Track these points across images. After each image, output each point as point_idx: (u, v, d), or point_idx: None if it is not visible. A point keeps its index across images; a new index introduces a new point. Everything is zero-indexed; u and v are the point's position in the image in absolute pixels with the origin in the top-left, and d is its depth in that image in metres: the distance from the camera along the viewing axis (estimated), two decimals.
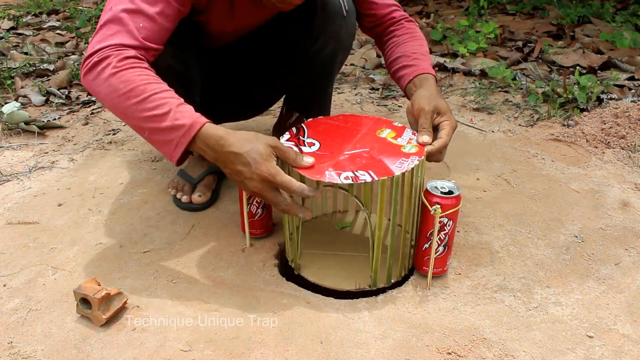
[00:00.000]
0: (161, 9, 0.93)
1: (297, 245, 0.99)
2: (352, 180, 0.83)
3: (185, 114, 0.85)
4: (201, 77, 1.20)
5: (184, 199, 1.22)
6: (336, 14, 1.16)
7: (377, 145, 0.94)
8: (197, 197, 1.21)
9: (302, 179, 0.86)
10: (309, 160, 0.87)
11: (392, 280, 0.98)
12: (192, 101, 1.07)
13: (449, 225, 0.92)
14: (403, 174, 0.86)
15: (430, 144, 0.94)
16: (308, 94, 1.34)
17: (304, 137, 0.96)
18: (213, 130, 0.85)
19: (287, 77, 1.34)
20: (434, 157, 0.95)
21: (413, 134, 0.97)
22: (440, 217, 0.90)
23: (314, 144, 0.94)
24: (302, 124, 1.00)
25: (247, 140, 0.84)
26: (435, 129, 0.97)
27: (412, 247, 1.01)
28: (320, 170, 0.86)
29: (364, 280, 0.97)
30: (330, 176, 0.84)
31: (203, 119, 0.86)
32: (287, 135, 0.96)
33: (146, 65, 0.90)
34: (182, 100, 0.88)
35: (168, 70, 1.01)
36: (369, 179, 0.83)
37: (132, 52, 0.89)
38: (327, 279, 0.98)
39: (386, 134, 0.97)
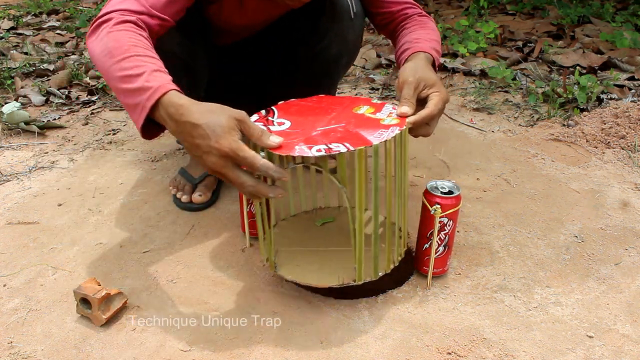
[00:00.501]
0: None
1: (270, 241, 0.92)
2: (325, 152, 0.75)
3: (158, 78, 0.79)
4: (209, 73, 1.19)
5: (184, 198, 1.22)
6: (344, 15, 1.15)
7: (353, 120, 0.86)
8: (197, 197, 1.21)
9: (269, 158, 0.77)
10: (275, 139, 0.77)
11: (380, 273, 0.91)
12: (195, 94, 1.07)
13: (449, 225, 0.92)
14: (384, 142, 0.79)
15: (412, 115, 0.87)
16: (311, 93, 1.34)
17: (273, 117, 0.89)
18: (176, 97, 0.77)
19: (294, 75, 1.34)
20: (420, 129, 0.89)
21: (394, 108, 0.90)
22: (440, 217, 0.90)
23: (283, 123, 0.86)
24: (272, 106, 0.93)
25: (209, 111, 0.76)
26: (425, 102, 0.91)
27: (400, 237, 0.95)
28: (290, 147, 0.77)
29: (348, 275, 0.91)
30: (300, 150, 0.75)
31: (172, 86, 0.79)
32: (255, 117, 0.88)
33: (143, 31, 0.88)
34: (162, 67, 0.83)
35: (172, 55, 1.01)
36: (343, 150, 0.75)
37: (133, 17, 0.88)
38: (308, 276, 0.91)
39: (364, 110, 0.90)
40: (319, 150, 0.75)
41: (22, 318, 0.91)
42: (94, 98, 2.00)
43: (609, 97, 1.85)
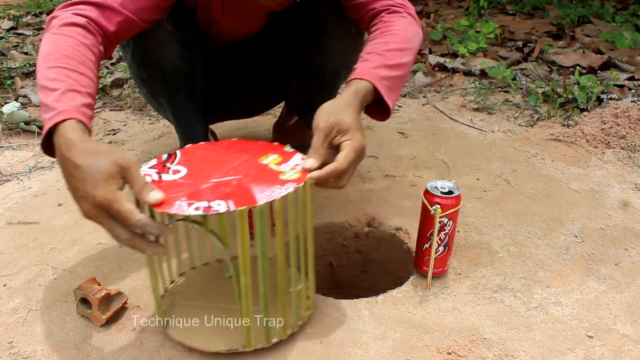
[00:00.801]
0: None
1: (158, 295, 0.84)
2: (203, 211, 0.67)
3: (67, 101, 0.74)
4: (206, 74, 1.19)
5: None
6: (344, 33, 1.13)
7: (253, 172, 0.78)
8: None
9: (151, 212, 0.71)
10: (155, 195, 0.68)
11: (274, 340, 0.81)
12: (194, 101, 1.07)
13: (449, 225, 0.92)
14: (270, 203, 0.70)
15: (316, 169, 0.77)
16: (308, 100, 1.34)
17: (172, 163, 0.81)
18: (69, 129, 0.71)
19: (292, 76, 1.33)
20: (328, 184, 0.79)
21: (302, 159, 0.81)
22: (440, 217, 0.90)
23: (179, 172, 0.78)
24: (177, 150, 0.85)
25: (94, 153, 0.69)
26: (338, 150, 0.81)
27: (308, 297, 0.87)
28: (171, 202, 0.70)
29: (239, 340, 0.81)
30: (179, 207, 0.69)
31: (74, 114, 0.73)
32: (153, 161, 0.81)
33: (89, 37, 0.84)
34: (85, 88, 0.78)
35: (174, 70, 1.01)
36: (223, 209, 0.68)
37: (83, 21, 0.84)
38: (196, 337, 0.82)
39: (270, 159, 0.82)
40: (197, 209, 0.68)
41: (22, 318, 0.91)
42: None
43: (609, 97, 1.85)
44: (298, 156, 0.83)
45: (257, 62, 1.34)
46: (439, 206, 0.89)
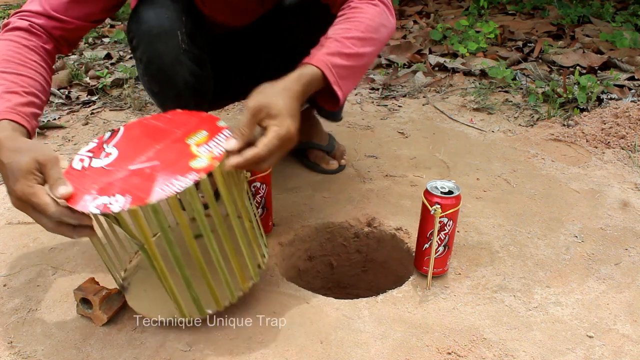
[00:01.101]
0: None
1: (113, 265, 0.89)
2: (102, 211, 0.69)
3: (1, 103, 0.80)
4: (213, 59, 1.18)
5: None
6: (307, 10, 1.12)
7: (171, 156, 0.77)
8: None
9: None
10: (62, 191, 0.72)
11: (208, 311, 0.84)
12: (199, 108, 1.08)
13: (449, 225, 0.92)
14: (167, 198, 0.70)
15: (235, 152, 0.76)
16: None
17: (109, 144, 0.83)
18: (1, 129, 0.77)
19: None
20: (248, 168, 0.79)
21: (227, 138, 0.79)
22: (440, 217, 0.90)
23: (110, 155, 0.80)
24: (122, 125, 0.87)
25: (16, 151, 0.74)
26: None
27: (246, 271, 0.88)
28: (80, 196, 0.72)
29: (189, 307, 0.84)
30: (83, 204, 0.71)
31: (6, 115, 0.78)
32: (93, 143, 0.84)
33: (32, 39, 0.90)
34: (24, 87, 0.84)
35: (186, 86, 1.06)
36: (117, 209, 0.68)
37: (25, 24, 0.89)
38: (145, 304, 0.88)
39: (196, 139, 0.80)
40: (97, 207, 0.69)
41: (22, 318, 0.91)
42: (94, 98, 2.00)
43: (609, 97, 1.85)
44: (222, 136, 0.80)
45: (256, 48, 1.32)
46: (439, 206, 0.89)
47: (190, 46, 1.04)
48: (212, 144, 0.78)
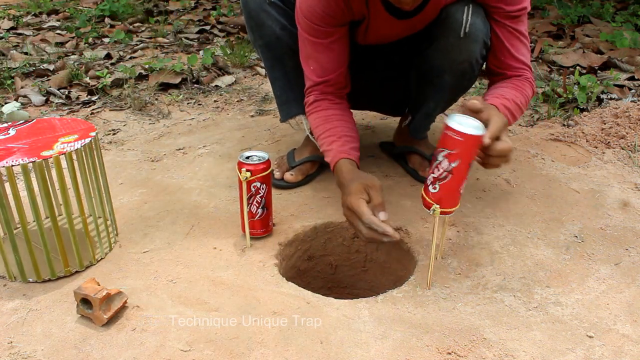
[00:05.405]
0: (327, 44, 1.14)
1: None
2: None
3: (330, 153, 1.13)
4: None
5: (277, 175, 1.34)
6: (450, 32, 1.10)
7: (39, 144, 0.97)
8: (288, 176, 1.33)
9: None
10: (382, 217, 0.95)
11: (59, 274, 0.99)
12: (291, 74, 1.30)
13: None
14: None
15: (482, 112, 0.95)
16: (416, 97, 1.33)
17: (17, 127, 1.04)
18: (342, 163, 1.09)
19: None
20: (495, 153, 0.94)
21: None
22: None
23: (8, 134, 1.01)
24: (36, 118, 1.06)
25: (353, 178, 1.04)
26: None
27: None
28: None
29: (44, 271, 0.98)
30: None
31: (341, 155, 1.10)
32: (11, 124, 1.05)
33: (322, 102, 1.19)
34: (339, 139, 1.13)
35: (277, 41, 1.22)
36: None
37: (311, 98, 1.20)
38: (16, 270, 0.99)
39: (67, 138, 1.00)
40: None
41: (22, 318, 0.91)
42: (94, 98, 2.00)
43: (609, 97, 1.85)
44: (87, 140, 0.99)
45: (391, 62, 1.35)
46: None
47: (277, 1, 1.20)
48: (71, 145, 0.97)
